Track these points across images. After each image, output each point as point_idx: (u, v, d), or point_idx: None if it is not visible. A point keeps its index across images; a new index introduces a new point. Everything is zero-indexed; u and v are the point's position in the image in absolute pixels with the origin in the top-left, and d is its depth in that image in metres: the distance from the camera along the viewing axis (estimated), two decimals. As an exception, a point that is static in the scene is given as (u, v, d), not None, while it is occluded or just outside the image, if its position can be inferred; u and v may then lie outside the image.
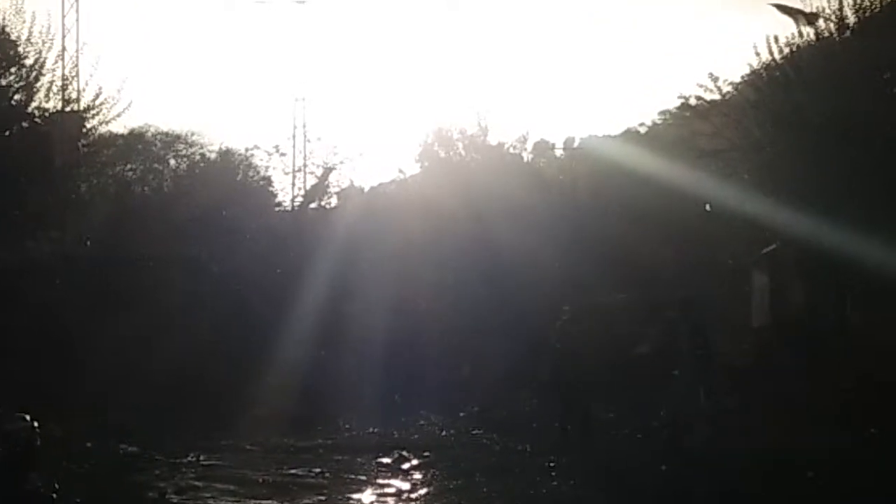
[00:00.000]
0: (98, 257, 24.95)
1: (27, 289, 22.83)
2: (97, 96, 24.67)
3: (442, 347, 26.00)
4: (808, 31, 23.17)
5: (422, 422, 22.06)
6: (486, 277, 26.82)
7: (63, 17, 35.42)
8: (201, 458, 18.01)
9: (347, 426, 22.37)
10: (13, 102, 23.55)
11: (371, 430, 21.73)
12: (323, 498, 15.65)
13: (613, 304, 24.49)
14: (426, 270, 28.24)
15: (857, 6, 22.63)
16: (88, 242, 25.07)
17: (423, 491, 15.83)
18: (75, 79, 25.34)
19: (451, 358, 25.55)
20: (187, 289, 25.21)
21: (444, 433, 20.48)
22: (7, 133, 23.15)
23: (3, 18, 22.98)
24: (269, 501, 15.48)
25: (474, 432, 20.05)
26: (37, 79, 23.87)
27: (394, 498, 16.04)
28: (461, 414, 22.04)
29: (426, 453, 18.35)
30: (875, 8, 22.62)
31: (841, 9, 22.88)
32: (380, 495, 16.03)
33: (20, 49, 23.34)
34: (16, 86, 23.39)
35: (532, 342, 22.62)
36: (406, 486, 16.38)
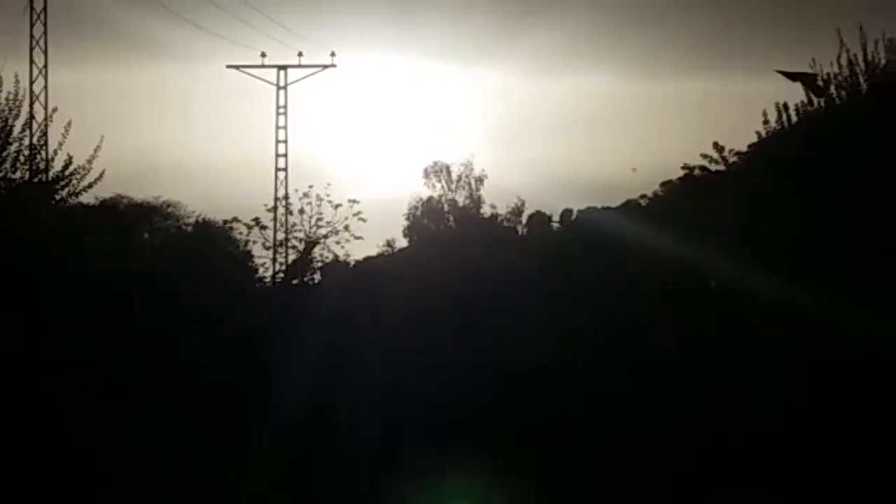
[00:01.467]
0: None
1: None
2: (66, 166, 24.40)
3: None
4: (819, 100, 23.34)
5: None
6: (478, 362, 26.22)
7: (31, 82, 35.33)
8: None
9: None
10: None
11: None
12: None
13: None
14: (416, 352, 27.79)
15: (873, 71, 22.71)
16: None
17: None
18: (44, 148, 25.17)
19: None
20: (159, 379, 24.53)
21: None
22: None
23: None
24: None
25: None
26: (3, 148, 23.62)
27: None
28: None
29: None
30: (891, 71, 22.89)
31: (853, 75, 23.09)
32: None
33: None
34: None
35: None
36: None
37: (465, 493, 22.18)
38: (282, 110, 42.35)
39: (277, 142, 42.03)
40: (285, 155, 41.80)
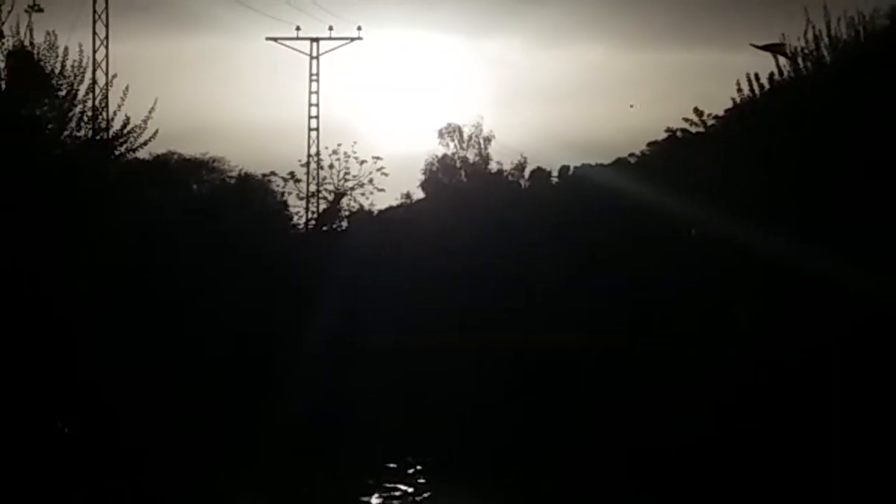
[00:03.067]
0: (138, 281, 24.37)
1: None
2: (125, 126, 24.09)
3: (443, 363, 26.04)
4: (787, 70, 23.26)
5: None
6: (481, 298, 26.69)
7: (94, 51, 35.42)
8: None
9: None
10: (47, 131, 23.12)
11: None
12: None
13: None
14: (432, 289, 28.11)
15: (835, 46, 22.50)
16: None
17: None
18: (105, 109, 25.37)
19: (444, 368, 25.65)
20: (210, 308, 24.86)
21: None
22: (42, 160, 22.48)
23: (38, 53, 22.73)
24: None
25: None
26: (69, 109, 23.22)
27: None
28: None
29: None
30: (851, 46, 22.62)
31: (818, 48, 22.99)
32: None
33: (54, 82, 22.94)
34: (49, 116, 22.91)
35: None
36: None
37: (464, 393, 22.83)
38: (314, 78, 42.00)
39: (310, 105, 41.69)
40: (317, 117, 41.53)
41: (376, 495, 18.36)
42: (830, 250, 19.06)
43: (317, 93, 42.44)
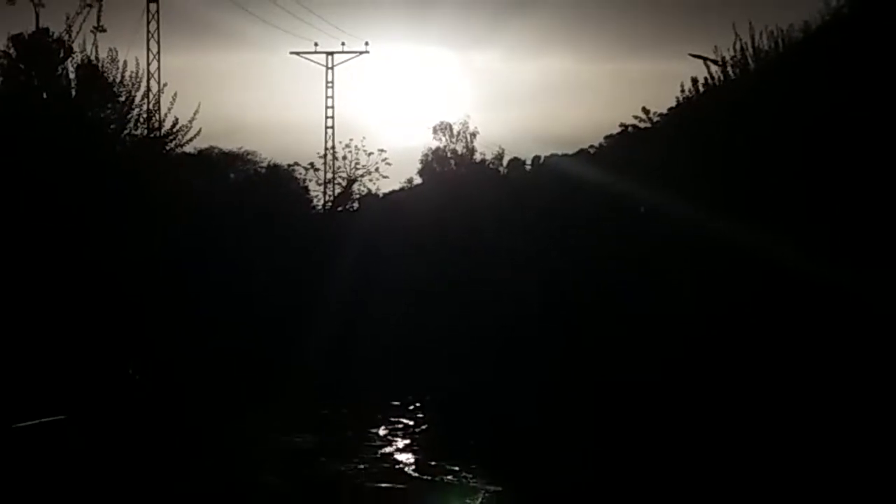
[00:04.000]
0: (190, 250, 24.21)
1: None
2: (174, 125, 24.00)
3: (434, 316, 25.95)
4: (719, 75, 23.16)
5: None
6: (467, 267, 26.47)
7: (148, 64, 35.47)
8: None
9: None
10: (110, 130, 23.02)
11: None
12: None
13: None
14: (426, 258, 27.93)
15: (758, 55, 22.33)
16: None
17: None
18: (157, 112, 24.91)
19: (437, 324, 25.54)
20: (248, 275, 24.92)
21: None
22: (105, 154, 22.14)
23: (102, 66, 22.51)
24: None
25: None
26: (128, 112, 23.21)
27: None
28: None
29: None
30: (774, 56, 22.41)
31: (744, 58, 22.88)
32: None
33: (115, 90, 22.87)
34: (112, 118, 22.86)
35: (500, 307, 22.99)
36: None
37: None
38: (329, 85, 41.60)
39: (326, 107, 41.29)
40: (332, 117, 41.07)
41: (383, 427, 18.30)
42: (748, 223, 18.87)
43: (332, 97, 42.12)
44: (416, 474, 14.30)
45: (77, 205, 19.57)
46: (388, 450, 16.14)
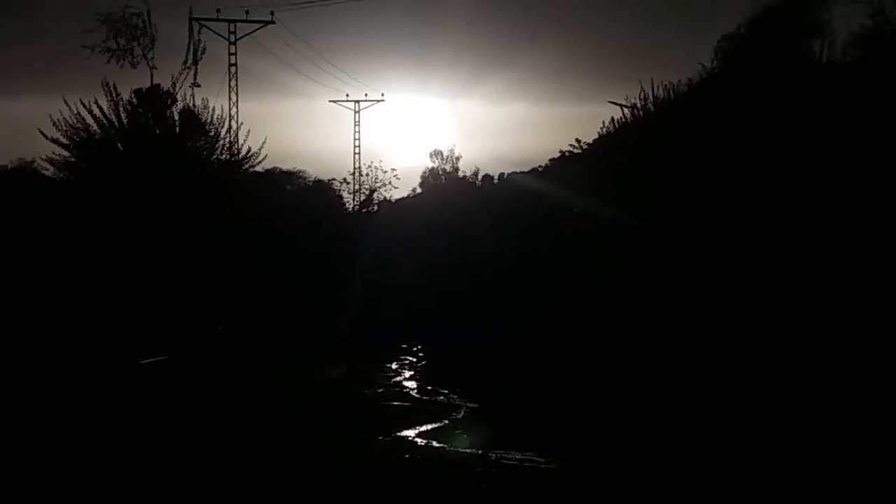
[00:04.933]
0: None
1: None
2: (248, 152, 23.66)
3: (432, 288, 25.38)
4: (629, 116, 22.52)
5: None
6: (454, 252, 25.97)
7: (230, 109, 35.25)
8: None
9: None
10: (202, 156, 22.67)
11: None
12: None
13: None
14: (425, 244, 27.50)
15: (656, 102, 22.12)
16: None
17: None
18: (235, 143, 24.34)
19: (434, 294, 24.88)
20: (300, 259, 24.39)
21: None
22: (200, 174, 21.85)
23: (197, 110, 22.30)
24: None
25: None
26: (215, 143, 22.90)
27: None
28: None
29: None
30: (667, 102, 21.90)
31: (646, 103, 22.72)
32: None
33: (206, 127, 22.56)
34: (204, 148, 22.53)
35: (478, 282, 22.50)
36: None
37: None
38: (357, 123, 41.43)
39: (354, 139, 41.08)
40: (359, 146, 40.92)
41: (394, 362, 18.14)
42: (649, 221, 18.42)
43: (358, 132, 41.85)
44: (418, 396, 14.14)
45: (182, 208, 19.31)
46: (397, 379, 15.90)
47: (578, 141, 25.07)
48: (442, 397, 13.73)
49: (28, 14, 57.31)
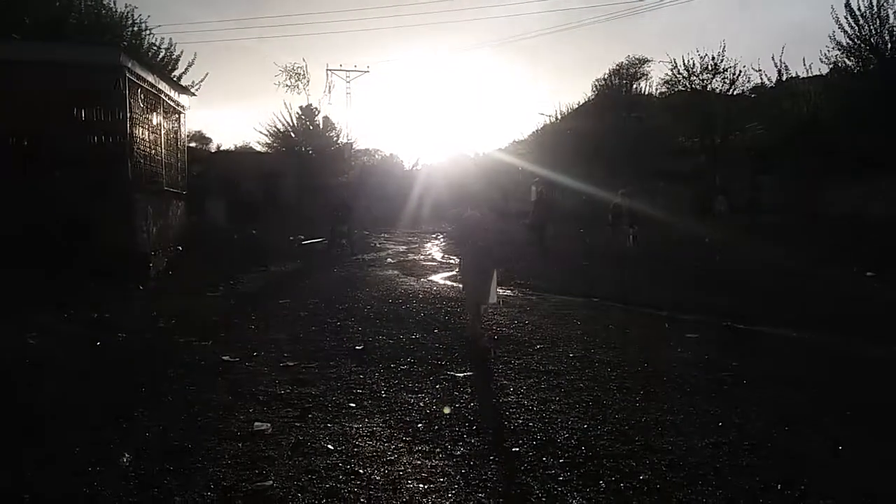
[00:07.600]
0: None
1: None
2: (354, 141, 30.93)
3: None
4: (553, 118, 29.15)
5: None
6: (459, 195, 22.69)
7: (347, 116, 45.90)
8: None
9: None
10: (333, 140, 29.82)
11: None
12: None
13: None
14: (446, 192, 31.16)
15: (568, 108, 28.79)
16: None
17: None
18: (349, 135, 31.12)
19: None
20: (377, 201, 26.72)
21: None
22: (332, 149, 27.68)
23: (325, 119, 29.06)
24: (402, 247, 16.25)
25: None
26: (337, 136, 31.04)
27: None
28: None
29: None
30: (571, 111, 28.35)
31: (561, 112, 29.09)
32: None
33: (335, 125, 29.58)
34: (332, 137, 30.39)
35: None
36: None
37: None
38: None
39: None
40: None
41: (428, 242, 19.22)
42: (569, 177, 23.75)
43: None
44: (442, 260, 14.64)
45: (325, 166, 26.01)
46: (432, 251, 16.95)
47: (522, 133, 30.92)
48: (454, 260, 13.63)
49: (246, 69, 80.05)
